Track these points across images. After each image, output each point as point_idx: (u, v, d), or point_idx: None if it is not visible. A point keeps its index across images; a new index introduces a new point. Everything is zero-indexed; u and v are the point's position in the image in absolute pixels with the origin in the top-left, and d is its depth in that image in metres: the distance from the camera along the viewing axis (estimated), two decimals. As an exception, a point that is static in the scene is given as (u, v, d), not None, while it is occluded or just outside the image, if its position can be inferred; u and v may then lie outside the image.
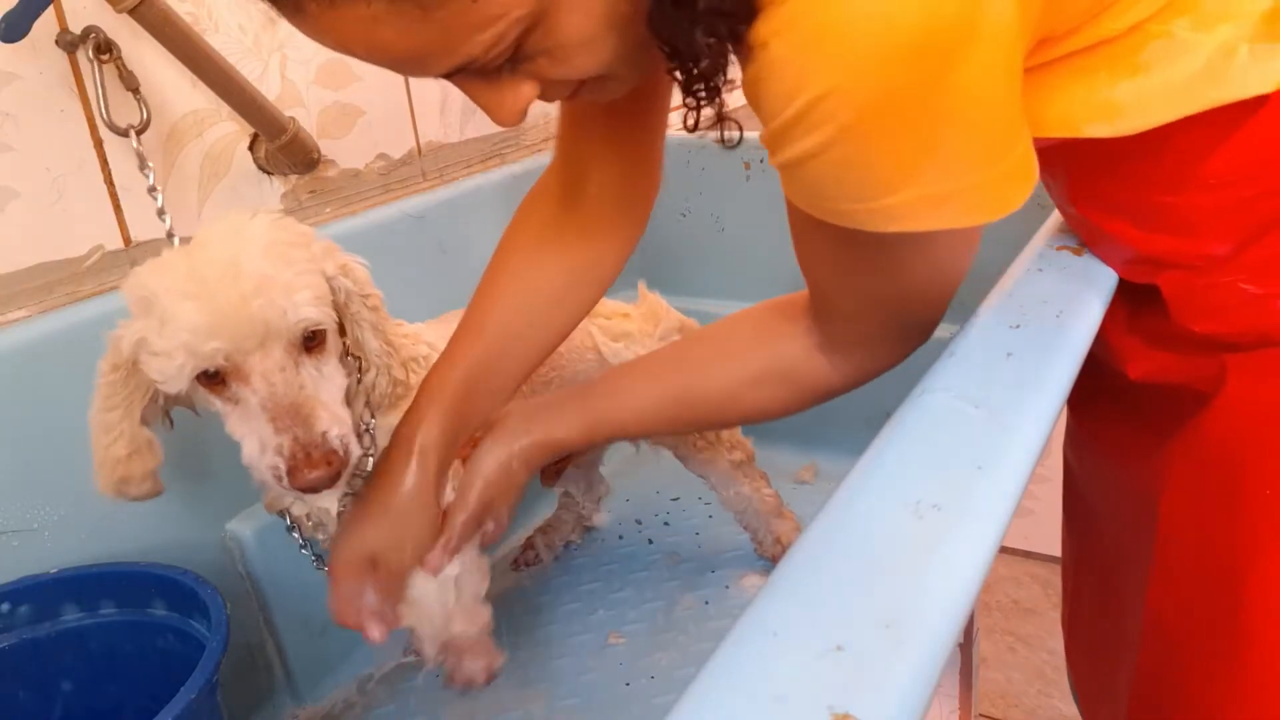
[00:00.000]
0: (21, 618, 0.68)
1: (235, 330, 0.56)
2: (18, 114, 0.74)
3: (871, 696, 0.27)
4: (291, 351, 0.59)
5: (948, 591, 0.32)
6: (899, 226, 0.45)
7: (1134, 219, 0.56)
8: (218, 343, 0.56)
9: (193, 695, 0.55)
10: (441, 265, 1.07)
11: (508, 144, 1.21)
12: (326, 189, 0.99)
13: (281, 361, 0.58)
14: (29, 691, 0.69)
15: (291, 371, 0.58)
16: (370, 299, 0.65)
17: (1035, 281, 0.58)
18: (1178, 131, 0.50)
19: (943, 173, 0.43)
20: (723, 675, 0.29)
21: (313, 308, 0.59)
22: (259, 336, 0.57)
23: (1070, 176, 0.59)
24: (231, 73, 0.83)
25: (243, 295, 0.56)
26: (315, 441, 0.57)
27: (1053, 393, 0.45)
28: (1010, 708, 1.36)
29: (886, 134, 0.42)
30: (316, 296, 0.60)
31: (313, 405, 0.58)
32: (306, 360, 0.60)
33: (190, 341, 0.56)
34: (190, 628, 0.67)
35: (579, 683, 0.90)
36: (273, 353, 0.57)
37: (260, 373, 0.57)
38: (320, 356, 0.61)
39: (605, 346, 0.92)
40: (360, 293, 0.64)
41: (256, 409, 0.57)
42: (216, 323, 0.55)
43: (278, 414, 0.57)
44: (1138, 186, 0.55)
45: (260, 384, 0.57)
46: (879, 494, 0.37)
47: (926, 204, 0.44)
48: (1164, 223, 0.55)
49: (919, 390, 0.46)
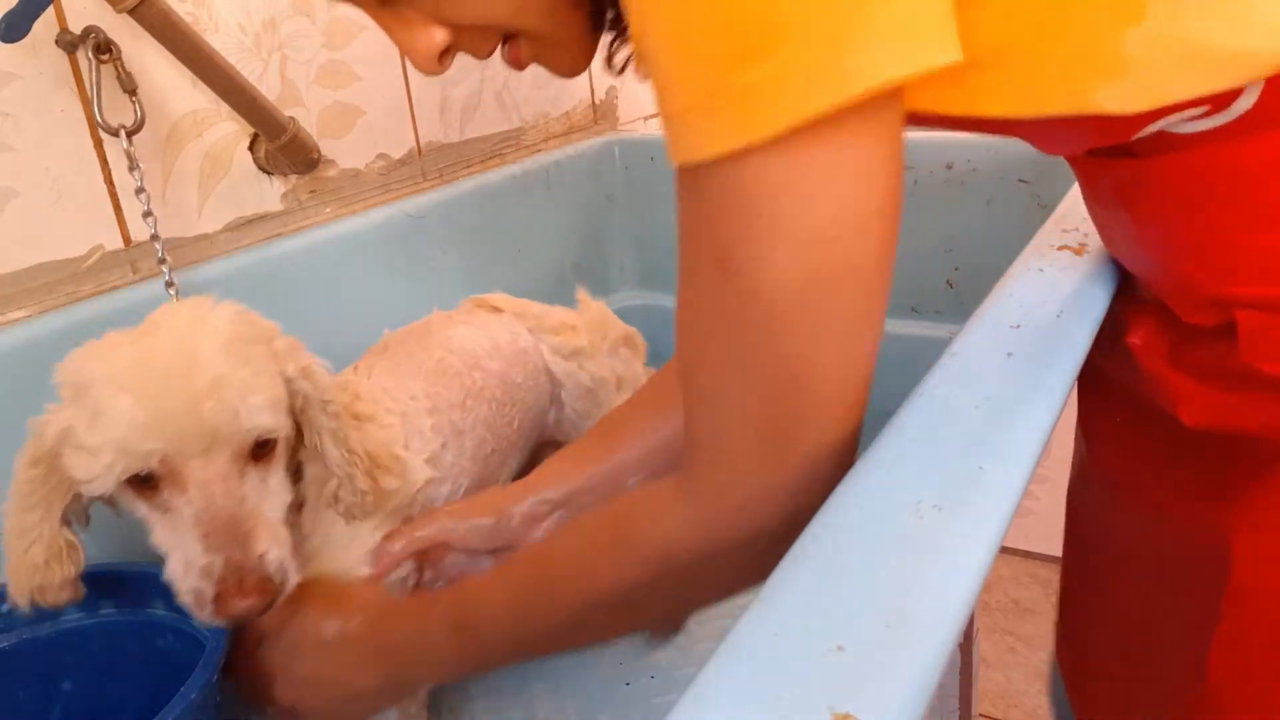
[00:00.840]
0: (21, 618, 0.68)
1: (178, 432, 0.50)
2: (18, 114, 0.74)
3: (872, 696, 0.27)
4: (238, 461, 0.53)
5: (948, 591, 0.32)
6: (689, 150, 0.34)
7: (1209, 261, 0.46)
8: (155, 444, 0.50)
9: (193, 695, 0.55)
10: (441, 265, 1.07)
11: (508, 144, 1.21)
12: (326, 189, 0.99)
13: (225, 471, 0.52)
14: (29, 691, 0.69)
15: (234, 482, 0.52)
16: (331, 405, 0.59)
17: (1035, 281, 0.58)
18: (1266, 149, 0.41)
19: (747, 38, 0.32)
20: (723, 675, 0.29)
21: (268, 414, 0.53)
22: (205, 441, 0.51)
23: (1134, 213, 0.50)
24: (231, 73, 0.83)
25: (193, 394, 0.50)
26: (250, 565, 0.51)
27: (1053, 393, 0.45)
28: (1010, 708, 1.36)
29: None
30: (273, 401, 0.54)
31: (253, 522, 0.52)
32: (252, 470, 0.54)
33: (124, 440, 0.50)
34: (190, 628, 0.67)
35: (579, 683, 0.90)
36: (216, 460, 0.52)
37: (199, 481, 0.51)
38: (268, 467, 0.55)
39: (557, 366, 0.86)
40: (321, 399, 0.59)
41: (189, 521, 0.51)
42: (157, 422, 0.50)
43: (212, 529, 0.51)
44: (1215, 223, 0.46)
45: (197, 494, 0.51)
46: (879, 494, 0.37)
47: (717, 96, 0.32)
48: (1248, 264, 0.45)
49: (919, 390, 0.46)
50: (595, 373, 0.87)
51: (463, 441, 0.75)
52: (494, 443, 0.79)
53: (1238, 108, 0.41)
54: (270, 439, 0.54)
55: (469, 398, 0.76)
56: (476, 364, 0.79)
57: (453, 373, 0.77)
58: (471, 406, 0.76)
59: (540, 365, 0.85)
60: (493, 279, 1.14)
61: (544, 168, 1.22)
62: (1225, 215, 0.45)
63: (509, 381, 0.80)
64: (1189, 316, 0.50)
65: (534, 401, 0.84)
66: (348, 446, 0.60)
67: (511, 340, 0.84)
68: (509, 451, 0.81)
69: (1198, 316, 0.49)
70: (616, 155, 1.31)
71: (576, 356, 0.86)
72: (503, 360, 0.81)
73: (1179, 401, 0.51)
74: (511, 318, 0.87)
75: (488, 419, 0.77)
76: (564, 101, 1.31)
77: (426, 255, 1.06)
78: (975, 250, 1.19)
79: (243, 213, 0.91)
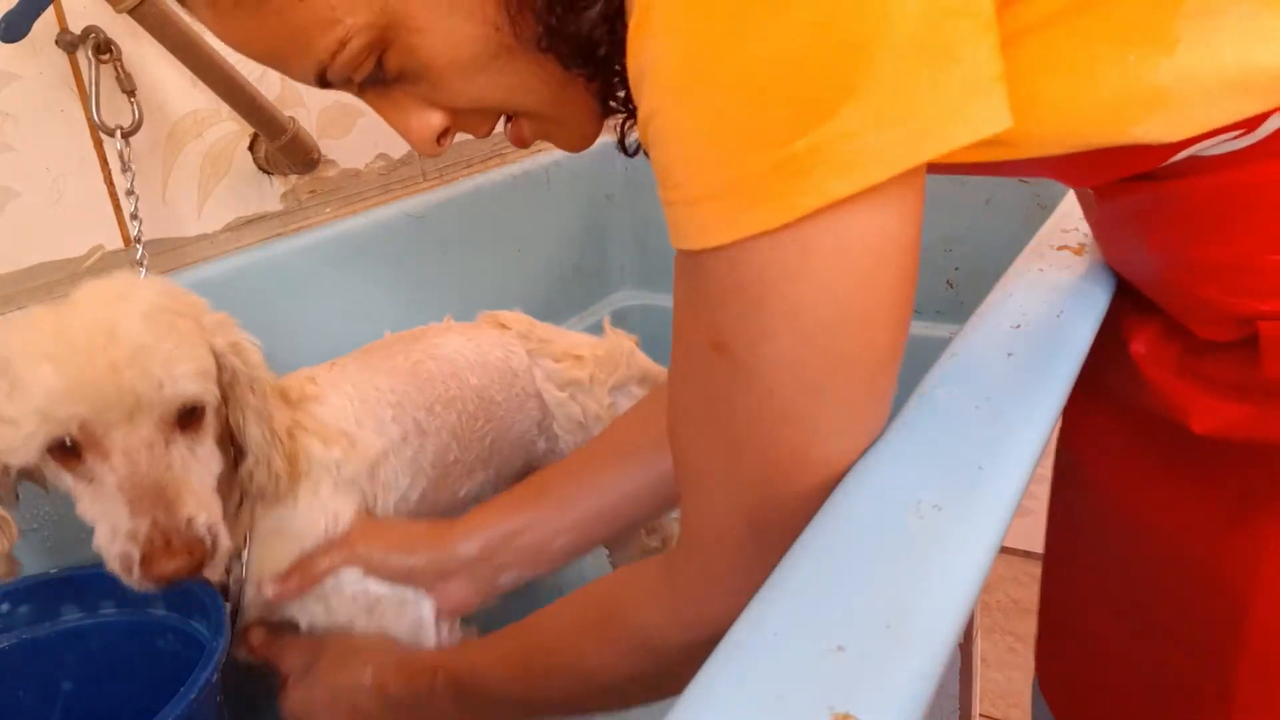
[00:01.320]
0: (21, 618, 0.68)
1: (99, 398, 0.50)
2: (18, 114, 0.74)
3: (872, 696, 0.27)
4: (163, 428, 0.53)
5: (948, 591, 0.32)
6: (700, 237, 0.33)
7: (1231, 282, 0.45)
8: (75, 409, 0.50)
9: (193, 695, 0.55)
10: (441, 265, 1.07)
11: (508, 144, 1.21)
12: (326, 189, 0.99)
13: (150, 438, 0.52)
14: (29, 691, 0.69)
15: (160, 449, 0.52)
16: (258, 384, 0.59)
17: (1035, 281, 0.58)
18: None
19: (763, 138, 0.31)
20: (723, 675, 0.29)
21: (193, 382, 0.53)
22: (127, 408, 0.51)
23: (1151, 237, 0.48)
24: (231, 73, 0.83)
25: (113, 361, 0.50)
26: (177, 527, 0.50)
27: (1054, 393, 0.45)
28: (1010, 708, 1.36)
29: (701, 87, 0.31)
30: (200, 371, 0.54)
31: (179, 488, 0.52)
32: (179, 438, 0.54)
33: (43, 407, 0.50)
34: (190, 628, 0.67)
35: (579, 683, 0.89)
36: (141, 427, 0.51)
37: (123, 449, 0.51)
38: (196, 436, 0.55)
39: (549, 394, 0.84)
40: (249, 375, 0.59)
41: (114, 489, 0.51)
42: (76, 388, 0.50)
43: (137, 495, 0.50)
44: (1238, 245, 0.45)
45: (121, 461, 0.51)
46: (879, 494, 0.37)
47: (736, 191, 0.31)
48: (1270, 283, 0.44)
49: (919, 390, 0.46)
50: (589, 407, 0.84)
51: (424, 441, 0.75)
52: (458, 452, 0.78)
53: (1266, 128, 0.40)
54: (197, 407, 0.54)
55: (438, 403, 0.76)
56: (455, 374, 0.79)
57: (426, 376, 0.77)
58: (439, 412, 0.76)
59: (530, 390, 0.83)
60: (493, 279, 1.14)
61: (544, 168, 1.22)
62: (1248, 236, 0.44)
63: (487, 398, 0.80)
64: (1204, 332, 0.48)
65: (515, 423, 0.82)
66: (270, 426, 0.60)
67: (502, 359, 0.83)
68: (475, 465, 0.80)
69: (1214, 332, 0.48)
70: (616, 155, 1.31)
71: (572, 387, 0.84)
72: (485, 376, 0.80)
73: (1189, 412, 0.49)
74: (513, 337, 0.85)
75: (454, 427, 0.77)
76: (564, 101, 1.31)
77: (426, 255, 1.06)
78: (975, 250, 1.19)
79: (243, 213, 0.91)
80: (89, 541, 0.75)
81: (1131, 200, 0.48)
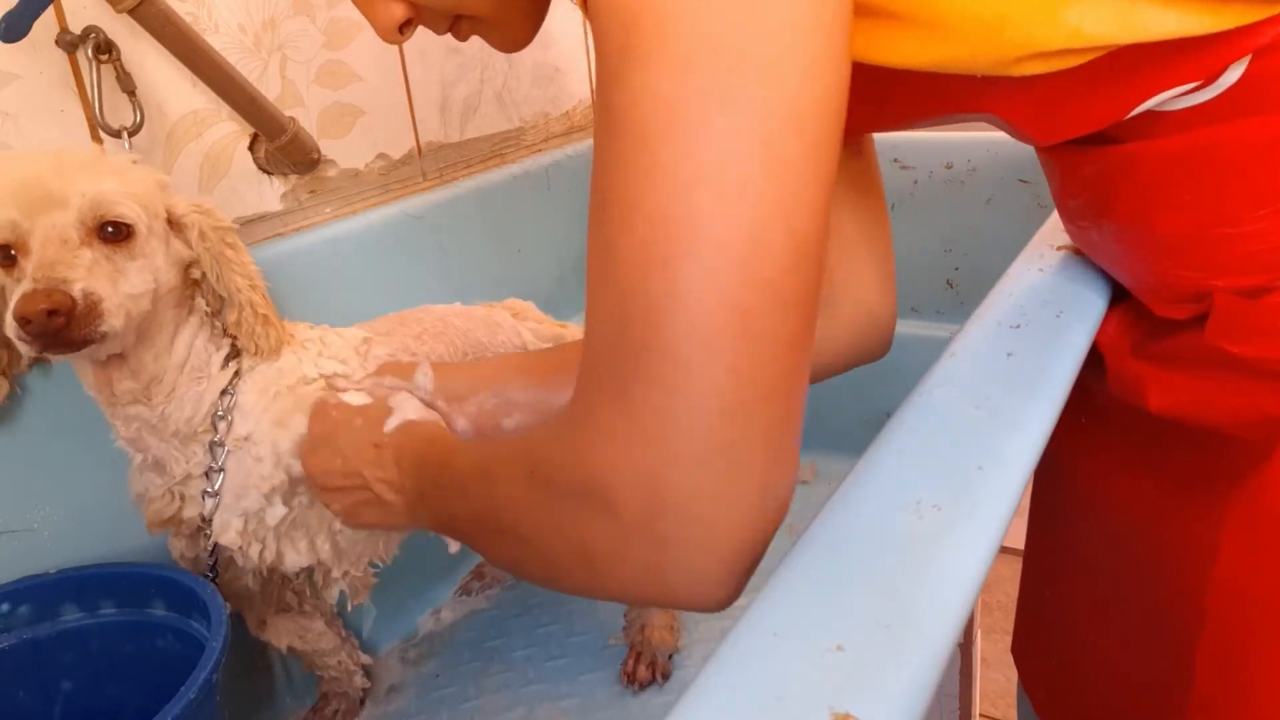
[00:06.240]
0: (21, 618, 0.68)
1: (28, 201, 0.55)
2: (18, 114, 0.74)
3: (872, 696, 0.27)
4: (82, 232, 0.56)
5: (948, 591, 0.32)
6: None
7: (1191, 257, 0.46)
8: (8, 212, 0.54)
9: (192, 695, 0.55)
10: (441, 265, 1.07)
11: (508, 144, 1.21)
12: (326, 189, 0.99)
13: (65, 235, 0.55)
14: (29, 691, 0.69)
15: (73, 246, 0.55)
16: (230, 235, 0.64)
17: (1035, 281, 0.58)
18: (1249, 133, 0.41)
19: None
20: (723, 675, 0.29)
21: (118, 199, 0.57)
22: (45, 205, 0.55)
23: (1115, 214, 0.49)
24: (231, 73, 0.83)
25: (44, 171, 0.55)
26: (53, 285, 0.53)
27: (1053, 393, 0.45)
28: (1010, 708, 1.36)
29: None
30: (130, 195, 0.58)
31: (82, 273, 0.55)
32: (100, 246, 0.57)
33: None
34: (190, 628, 0.67)
35: (579, 683, 0.90)
36: (57, 223, 0.55)
37: (40, 242, 0.55)
38: (119, 250, 0.58)
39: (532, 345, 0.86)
40: (221, 228, 0.63)
41: (28, 276, 0.54)
42: (10, 193, 0.55)
43: (41, 274, 0.54)
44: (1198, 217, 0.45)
45: (36, 252, 0.55)
46: (879, 494, 0.37)
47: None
48: (1229, 257, 0.45)
49: (919, 390, 0.46)
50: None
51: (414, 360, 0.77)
52: None
53: (1224, 81, 0.41)
54: (122, 225, 0.57)
55: (426, 334, 0.79)
56: (442, 318, 0.82)
57: (414, 319, 0.81)
58: (428, 340, 0.79)
59: (516, 342, 0.85)
60: (493, 279, 1.14)
61: (544, 168, 1.22)
62: (1208, 207, 0.44)
63: (472, 338, 0.82)
64: (1162, 310, 0.49)
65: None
66: (247, 273, 0.65)
67: (487, 314, 0.86)
68: None
69: (1172, 310, 0.49)
70: (616, 155, 1.31)
71: (554, 341, 0.87)
72: (471, 322, 0.84)
73: (1146, 389, 0.50)
74: (502, 309, 0.88)
75: (442, 355, 0.79)
76: (564, 101, 1.31)
77: (426, 255, 1.06)
78: (975, 250, 1.19)
79: (243, 213, 0.91)
80: (89, 542, 0.75)
81: (1093, 167, 0.48)
